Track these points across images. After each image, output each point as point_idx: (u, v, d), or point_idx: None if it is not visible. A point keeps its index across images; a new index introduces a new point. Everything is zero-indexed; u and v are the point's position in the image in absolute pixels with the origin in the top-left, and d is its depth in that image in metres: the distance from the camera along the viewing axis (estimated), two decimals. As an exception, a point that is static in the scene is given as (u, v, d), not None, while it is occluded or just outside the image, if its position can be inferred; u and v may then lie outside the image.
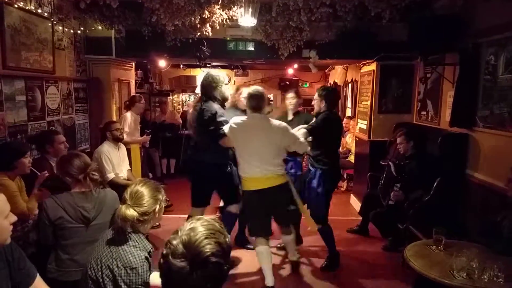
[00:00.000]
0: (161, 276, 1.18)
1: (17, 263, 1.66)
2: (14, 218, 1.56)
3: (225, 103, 3.66)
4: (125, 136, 4.92)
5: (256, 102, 3.14)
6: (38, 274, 1.76)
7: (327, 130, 3.58)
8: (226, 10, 3.96)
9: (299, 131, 3.45)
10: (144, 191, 1.78)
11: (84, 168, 2.30)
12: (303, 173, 4.18)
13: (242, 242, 4.25)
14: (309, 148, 3.46)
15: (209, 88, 3.50)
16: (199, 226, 1.17)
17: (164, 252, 1.15)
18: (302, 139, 3.29)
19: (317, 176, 3.65)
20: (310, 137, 3.50)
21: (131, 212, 1.70)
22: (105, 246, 1.73)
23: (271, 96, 12.12)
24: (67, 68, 4.59)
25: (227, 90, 3.68)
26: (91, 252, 1.83)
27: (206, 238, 1.14)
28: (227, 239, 1.20)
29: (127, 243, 1.71)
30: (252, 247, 3.85)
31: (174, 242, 1.14)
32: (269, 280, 3.26)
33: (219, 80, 3.54)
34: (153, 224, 1.89)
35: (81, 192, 2.30)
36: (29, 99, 3.72)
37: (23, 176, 2.98)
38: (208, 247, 1.13)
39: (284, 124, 3.25)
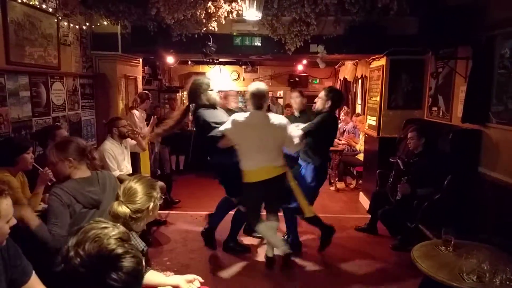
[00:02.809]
0: None
1: (13, 260, 1.64)
2: (14, 221, 1.55)
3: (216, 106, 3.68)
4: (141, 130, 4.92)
5: (258, 100, 3.27)
6: (34, 272, 1.74)
7: (322, 132, 3.71)
8: (230, 3, 3.89)
9: (297, 131, 3.52)
10: (138, 187, 1.73)
11: (83, 150, 2.30)
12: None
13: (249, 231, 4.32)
14: (299, 148, 3.62)
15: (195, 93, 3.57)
16: (85, 238, 1.10)
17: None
18: (296, 140, 3.40)
19: (309, 171, 3.81)
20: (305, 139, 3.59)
21: (123, 209, 1.65)
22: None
23: (280, 92, 12.08)
24: (73, 64, 4.58)
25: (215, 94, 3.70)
26: None
27: (97, 241, 1.08)
28: (120, 229, 1.15)
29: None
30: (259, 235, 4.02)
31: (72, 273, 1.07)
32: (269, 251, 3.67)
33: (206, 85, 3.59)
34: (147, 222, 1.83)
35: (84, 177, 2.27)
36: (33, 94, 3.72)
37: (26, 172, 2.96)
38: (106, 245, 1.07)
39: (284, 122, 3.39)
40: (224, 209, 4.03)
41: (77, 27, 4.57)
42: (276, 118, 3.37)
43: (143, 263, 1.16)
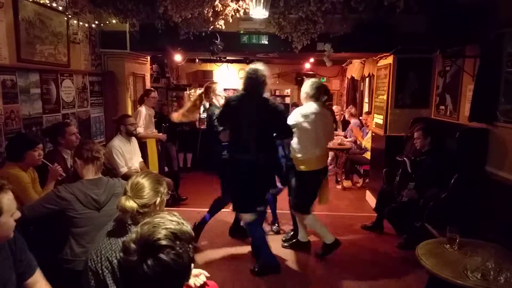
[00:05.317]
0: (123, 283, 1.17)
1: (19, 253, 1.68)
2: (18, 214, 1.59)
3: None
4: (141, 129, 4.96)
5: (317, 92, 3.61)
6: (38, 268, 1.77)
7: None
8: (237, 1, 3.91)
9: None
10: (145, 183, 1.76)
11: (91, 148, 2.50)
12: None
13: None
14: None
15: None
16: (150, 221, 1.16)
17: (121, 255, 1.13)
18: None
19: None
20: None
21: (130, 204, 1.68)
22: (105, 238, 1.72)
23: (288, 90, 12.08)
24: (82, 62, 4.64)
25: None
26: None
27: (154, 227, 1.13)
28: (183, 228, 1.19)
29: (127, 235, 1.69)
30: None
31: (126, 243, 1.13)
32: (329, 238, 3.78)
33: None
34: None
35: (91, 179, 2.46)
36: (43, 92, 3.78)
37: (37, 167, 3.02)
38: (156, 233, 1.11)
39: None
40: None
41: (86, 25, 4.63)
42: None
43: (191, 267, 1.19)
